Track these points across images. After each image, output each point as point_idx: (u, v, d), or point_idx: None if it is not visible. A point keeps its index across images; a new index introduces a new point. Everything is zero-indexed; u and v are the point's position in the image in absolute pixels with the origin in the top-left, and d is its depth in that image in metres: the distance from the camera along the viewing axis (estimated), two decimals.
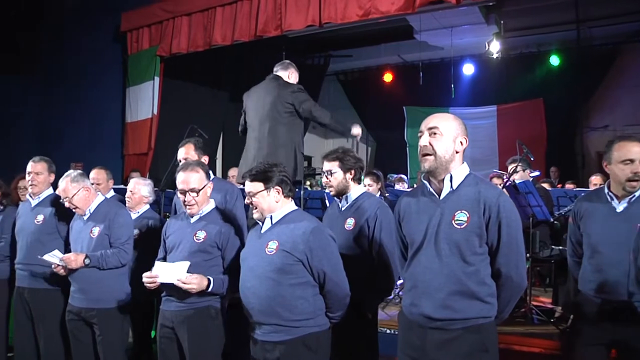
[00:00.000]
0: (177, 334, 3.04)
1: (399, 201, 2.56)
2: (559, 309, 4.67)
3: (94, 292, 3.54)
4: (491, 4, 7.79)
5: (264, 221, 2.76)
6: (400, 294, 5.26)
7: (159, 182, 5.10)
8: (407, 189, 7.32)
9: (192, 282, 2.87)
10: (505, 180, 5.36)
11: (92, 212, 3.66)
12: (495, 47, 9.46)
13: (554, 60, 10.41)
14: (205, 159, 3.62)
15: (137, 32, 8.60)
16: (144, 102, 8.47)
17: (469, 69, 11.10)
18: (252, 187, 2.73)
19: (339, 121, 4.50)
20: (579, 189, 6.66)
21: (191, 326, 2.97)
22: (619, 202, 2.77)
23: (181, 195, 3.06)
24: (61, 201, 3.66)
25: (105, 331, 3.54)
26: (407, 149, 11.40)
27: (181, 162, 3.59)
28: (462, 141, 2.35)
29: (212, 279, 2.95)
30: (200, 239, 3.02)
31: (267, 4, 6.92)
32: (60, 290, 3.84)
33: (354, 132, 4.48)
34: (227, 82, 9.75)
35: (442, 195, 2.33)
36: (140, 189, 4.15)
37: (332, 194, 3.25)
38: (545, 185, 6.29)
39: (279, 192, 2.72)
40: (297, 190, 4.02)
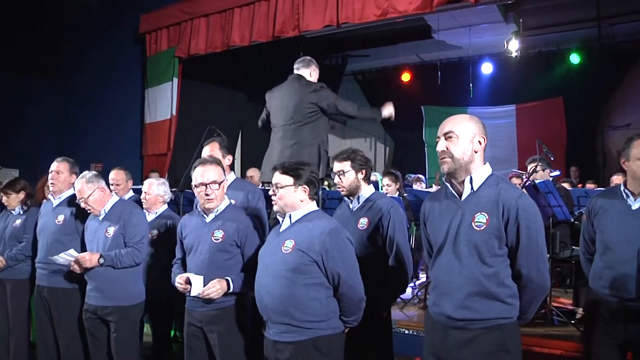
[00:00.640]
0: (206, 333, 3.06)
1: (424, 202, 2.58)
2: (580, 311, 4.61)
3: (109, 291, 3.59)
4: (510, 2, 7.71)
5: (283, 220, 2.77)
6: (419, 294, 5.24)
7: (178, 183, 5.13)
8: (425, 189, 7.30)
9: (211, 292, 2.92)
10: (524, 180, 5.31)
11: (107, 212, 3.71)
12: (514, 46, 9.38)
13: (574, 58, 10.27)
14: (229, 159, 3.64)
15: (155, 33, 8.69)
16: (163, 103, 8.55)
17: (487, 68, 11.00)
18: (280, 179, 2.72)
19: (365, 109, 4.46)
20: (600, 188, 6.56)
21: (220, 325, 3.00)
22: (635, 199, 2.75)
23: (200, 188, 3.05)
24: (77, 201, 3.72)
25: (119, 328, 3.59)
26: (425, 149, 11.34)
27: None
28: (480, 140, 2.35)
29: (232, 280, 2.97)
30: (218, 239, 3.02)
31: (284, 5, 6.94)
32: (77, 288, 3.90)
33: (385, 114, 4.39)
34: (245, 83, 9.80)
35: (463, 197, 2.33)
36: (153, 189, 4.18)
37: (343, 194, 3.25)
38: (565, 185, 6.22)
39: (305, 192, 2.72)
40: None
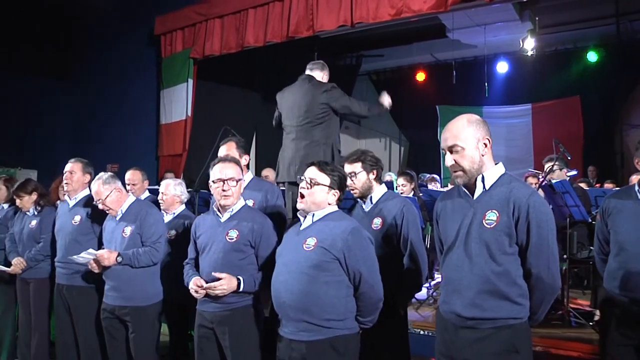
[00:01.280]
0: (217, 334, 3.06)
1: (437, 201, 2.59)
2: (598, 312, 4.55)
3: (127, 290, 3.63)
4: (525, 0, 7.66)
5: (305, 218, 2.77)
6: (434, 294, 5.22)
7: (193, 183, 5.17)
8: (440, 188, 7.26)
9: (222, 287, 2.93)
10: (541, 179, 5.26)
11: (123, 212, 3.74)
12: (529, 44, 9.29)
13: (592, 56, 10.13)
14: (246, 158, 3.65)
15: (170, 35, 8.74)
16: (178, 103, 8.59)
17: (502, 67, 10.91)
18: (318, 176, 2.73)
19: (373, 106, 4.48)
20: (618, 188, 6.48)
21: (231, 326, 3.00)
22: None
23: (218, 184, 3.06)
24: (95, 203, 3.76)
25: (137, 328, 3.62)
26: (440, 149, 11.22)
27: None
28: (486, 142, 2.32)
29: (243, 279, 2.97)
30: (233, 239, 3.03)
31: (298, 5, 6.94)
32: (96, 288, 3.95)
33: (385, 104, 4.47)
34: (259, 83, 9.81)
35: (475, 195, 2.33)
36: (170, 190, 4.20)
37: (356, 195, 3.25)
38: (582, 184, 6.15)
39: (335, 196, 2.75)
40: None
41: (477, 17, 9.02)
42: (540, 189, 5.06)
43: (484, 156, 2.30)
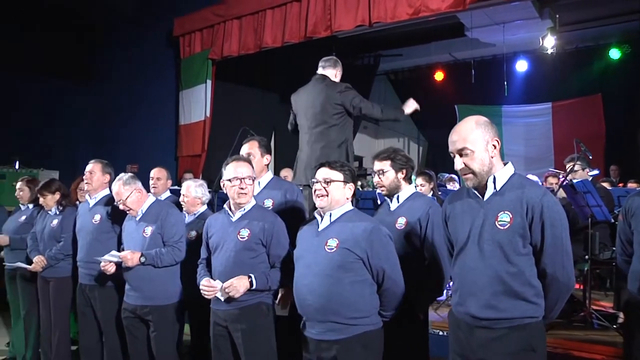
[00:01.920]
0: (231, 332, 3.08)
1: (445, 202, 2.58)
2: (621, 315, 4.48)
3: (147, 290, 3.64)
4: None
5: (322, 219, 2.78)
6: (448, 292, 5.18)
7: (212, 183, 5.19)
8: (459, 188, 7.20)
9: (234, 288, 2.95)
10: (561, 179, 5.20)
11: (144, 212, 3.77)
12: (549, 42, 9.17)
13: (614, 53, 9.98)
14: (267, 158, 3.65)
15: (189, 36, 8.82)
16: (197, 104, 8.66)
17: (522, 66, 10.81)
18: (331, 174, 2.75)
19: (389, 109, 4.45)
20: None
21: (244, 324, 3.02)
22: None
23: (235, 182, 3.07)
24: (115, 203, 3.80)
25: (158, 327, 3.64)
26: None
27: None
28: (495, 144, 2.30)
29: (254, 277, 2.99)
30: (244, 237, 3.05)
31: (316, 5, 6.95)
32: (116, 287, 3.98)
33: (408, 111, 4.45)
34: (277, 84, 9.84)
35: (486, 196, 2.32)
36: (191, 191, 4.21)
37: (383, 193, 3.24)
38: (605, 184, 6.07)
39: (351, 190, 2.78)
40: None
41: (496, 16, 8.94)
42: (561, 189, 5.00)
43: (493, 158, 2.29)
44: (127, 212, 3.78)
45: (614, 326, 4.26)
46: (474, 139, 2.27)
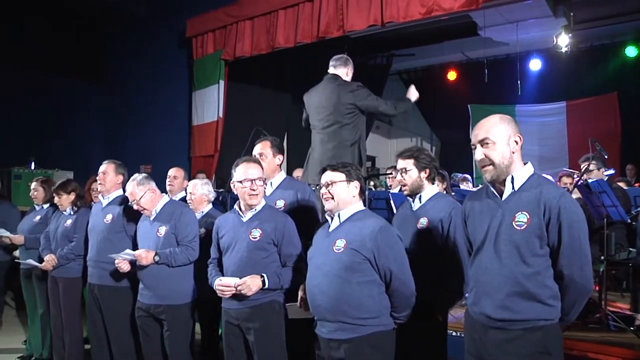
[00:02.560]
0: (243, 330, 3.10)
1: (465, 201, 2.57)
2: (639, 317, 4.43)
3: (161, 289, 3.66)
4: None
5: (332, 219, 2.78)
6: (467, 296, 5.15)
7: (225, 183, 5.22)
8: (472, 188, 7.16)
9: (247, 287, 2.98)
10: (576, 179, 5.15)
11: (158, 212, 3.79)
12: (563, 41, 9.07)
13: (631, 51, 9.86)
14: (279, 158, 3.66)
15: (202, 37, 8.85)
16: (210, 105, 8.69)
17: (535, 65, 10.72)
18: (333, 176, 2.76)
19: (400, 103, 4.44)
20: None
21: (256, 322, 3.04)
22: None
23: (246, 184, 3.09)
24: (130, 204, 3.82)
25: (172, 326, 3.66)
26: (470, 145, 11.06)
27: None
28: (517, 140, 2.31)
29: (267, 277, 3.01)
30: (256, 237, 3.07)
31: (328, 5, 6.94)
32: (127, 287, 4.01)
33: (414, 99, 4.44)
34: (290, 84, 9.84)
35: (504, 196, 2.32)
36: (198, 189, 4.27)
37: (405, 193, 3.20)
38: (621, 184, 6.00)
39: (357, 187, 2.77)
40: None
41: (509, 14, 8.86)
42: (575, 189, 4.95)
43: (514, 154, 2.30)
44: (141, 212, 3.80)
45: (631, 328, 4.20)
46: (497, 132, 2.30)
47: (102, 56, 10.73)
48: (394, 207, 4.45)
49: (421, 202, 3.14)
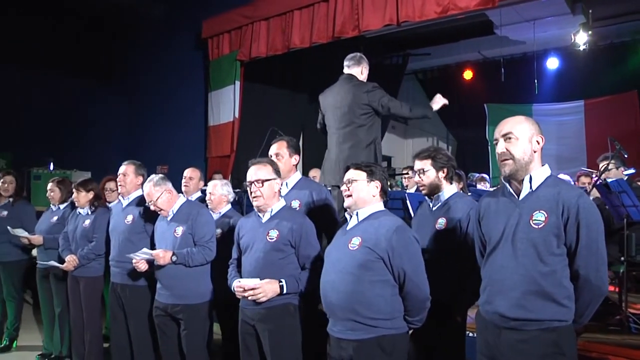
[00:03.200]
0: (258, 331, 3.11)
1: (480, 201, 2.58)
2: None
3: (178, 289, 3.69)
4: None
5: (351, 218, 2.78)
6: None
7: (241, 184, 5.24)
8: (489, 188, 7.11)
9: (264, 293, 2.98)
10: (594, 178, 5.08)
11: (175, 212, 3.82)
12: (582, 39, 8.94)
13: None
14: (296, 158, 3.67)
15: (217, 38, 8.89)
16: (226, 105, 8.73)
17: (553, 63, 10.60)
18: (354, 174, 2.76)
19: (417, 107, 4.41)
20: None
21: (271, 324, 3.04)
22: None
23: (248, 187, 3.14)
24: (147, 204, 3.85)
25: (189, 325, 3.69)
26: (489, 148, 11.02)
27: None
28: (539, 140, 2.34)
29: (285, 282, 3.01)
30: (273, 238, 3.07)
31: (344, 5, 6.93)
32: (148, 286, 4.05)
33: (436, 108, 4.39)
34: (305, 84, 9.84)
35: (522, 196, 2.33)
36: (217, 189, 4.29)
37: (424, 193, 3.20)
38: None
39: (377, 187, 2.75)
40: None
41: (526, 13, 8.78)
42: (594, 189, 4.89)
43: (535, 153, 2.33)
44: (158, 212, 3.83)
45: None
46: (521, 129, 2.34)
47: (120, 58, 10.83)
48: (410, 208, 4.43)
49: (440, 202, 3.13)
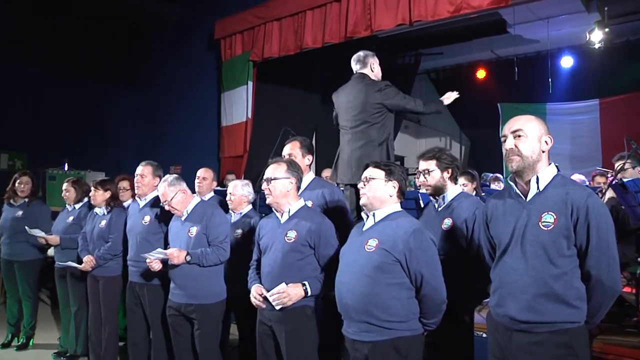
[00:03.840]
0: (275, 332, 3.10)
1: (487, 202, 2.57)
2: None
3: (192, 289, 3.71)
4: None
5: (367, 219, 2.77)
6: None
7: (254, 184, 5.26)
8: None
9: (288, 297, 2.97)
10: (610, 178, 5.04)
11: (189, 213, 3.84)
12: (597, 37, 8.84)
13: None
14: (309, 158, 3.67)
15: (230, 38, 8.93)
16: (239, 106, 8.76)
17: (567, 62, 10.51)
18: (372, 172, 2.75)
19: (430, 103, 4.40)
20: None
21: (288, 326, 3.03)
22: None
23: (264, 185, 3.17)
24: (161, 204, 3.87)
25: (202, 325, 3.70)
26: (500, 137, 10.91)
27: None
28: (547, 140, 2.33)
29: (308, 285, 3.00)
30: (291, 239, 3.05)
31: (356, 5, 6.93)
32: (163, 285, 4.09)
33: (447, 103, 4.38)
34: (318, 84, 9.85)
35: (529, 196, 2.31)
36: (238, 190, 4.29)
37: (428, 193, 3.21)
38: None
39: (395, 187, 2.74)
40: None
41: (539, 11, 8.71)
42: (610, 189, 4.84)
43: (543, 152, 2.32)
44: (173, 212, 3.85)
45: None
46: (531, 127, 2.35)
47: (134, 59, 10.91)
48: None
49: (445, 202, 3.14)
